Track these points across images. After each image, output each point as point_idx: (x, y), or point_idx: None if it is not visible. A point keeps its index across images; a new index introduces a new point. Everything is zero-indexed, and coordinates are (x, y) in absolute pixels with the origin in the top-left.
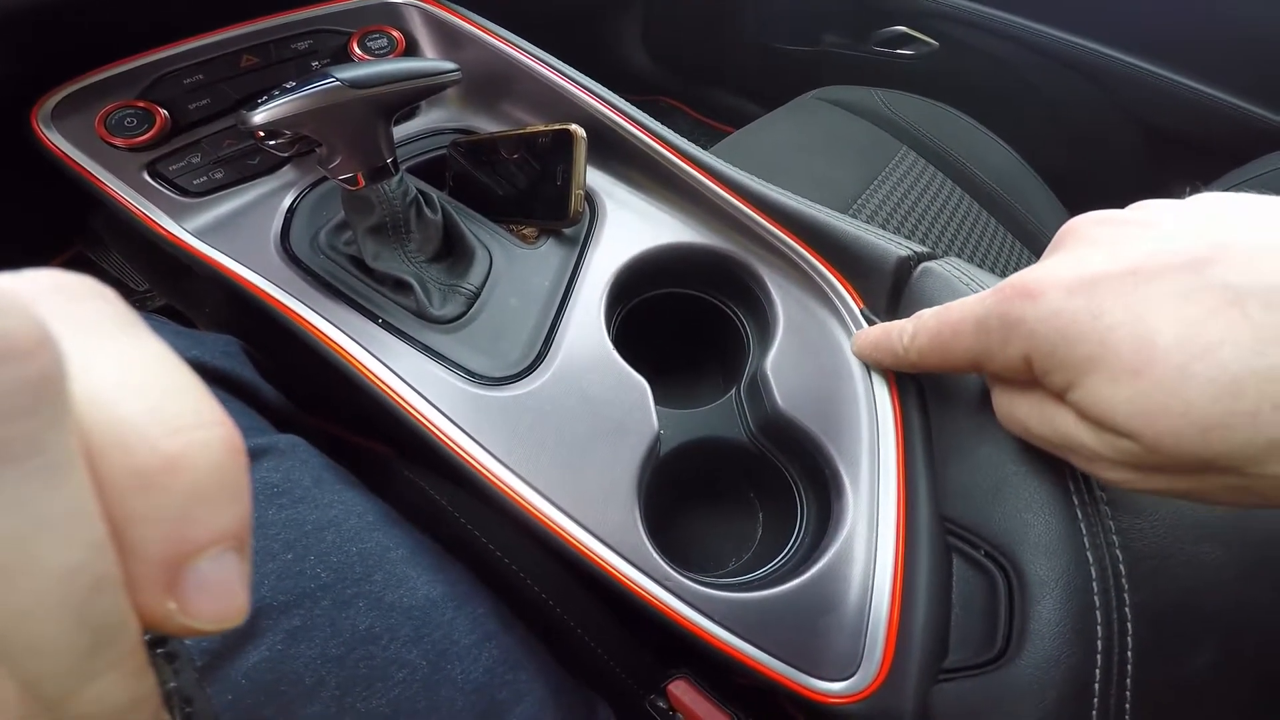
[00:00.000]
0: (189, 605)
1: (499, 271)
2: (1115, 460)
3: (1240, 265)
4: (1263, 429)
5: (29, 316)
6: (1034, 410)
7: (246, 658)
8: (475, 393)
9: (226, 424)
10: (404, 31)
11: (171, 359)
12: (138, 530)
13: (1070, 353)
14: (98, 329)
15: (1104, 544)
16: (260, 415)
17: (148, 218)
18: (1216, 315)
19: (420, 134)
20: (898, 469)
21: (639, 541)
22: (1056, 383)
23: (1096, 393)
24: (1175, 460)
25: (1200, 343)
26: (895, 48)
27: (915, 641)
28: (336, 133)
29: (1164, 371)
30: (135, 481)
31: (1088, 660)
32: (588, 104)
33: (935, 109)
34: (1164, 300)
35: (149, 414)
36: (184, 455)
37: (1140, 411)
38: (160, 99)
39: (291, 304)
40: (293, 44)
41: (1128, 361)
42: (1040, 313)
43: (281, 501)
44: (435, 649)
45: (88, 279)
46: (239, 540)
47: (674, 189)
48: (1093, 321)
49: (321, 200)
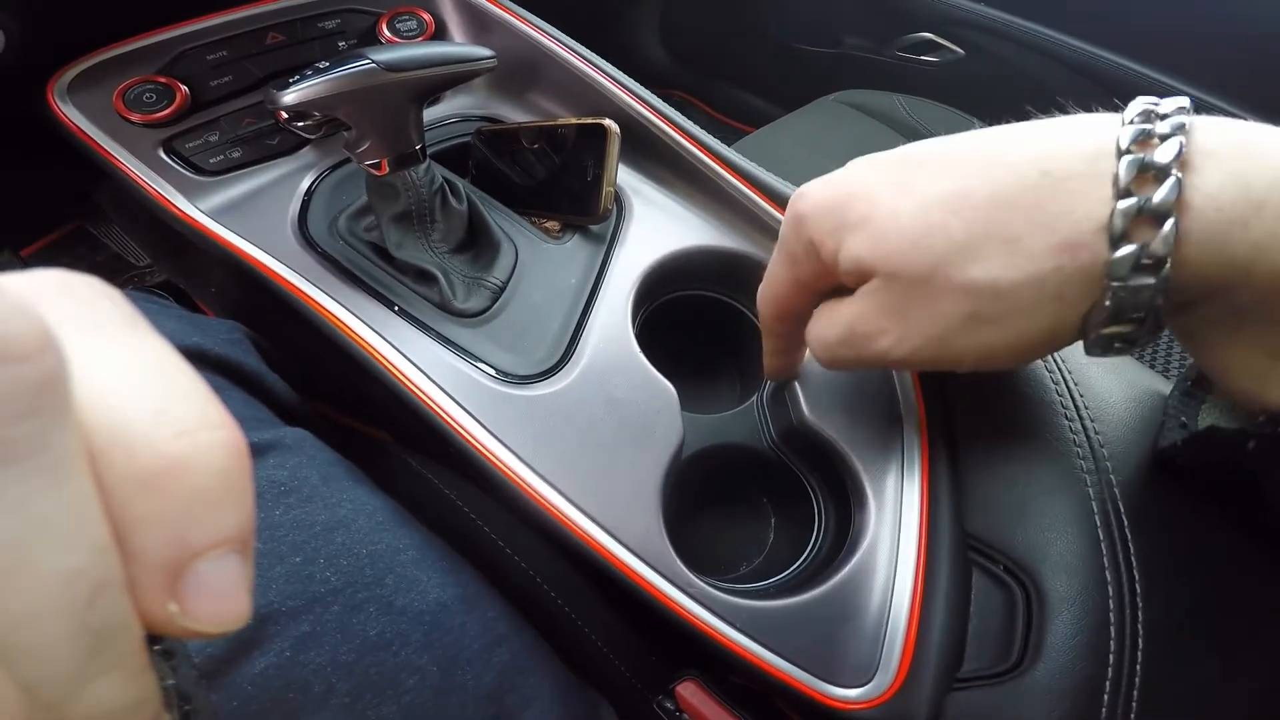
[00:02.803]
0: (190, 608)
1: (524, 266)
2: (880, 309)
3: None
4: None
5: (32, 317)
6: (828, 322)
7: (253, 664)
8: (500, 390)
9: (230, 426)
10: (433, 14)
11: (175, 360)
12: (140, 532)
13: (829, 222)
14: (101, 330)
15: (1123, 564)
16: (265, 406)
17: (160, 195)
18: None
19: (444, 120)
20: (922, 483)
21: (663, 547)
22: (829, 252)
23: (850, 246)
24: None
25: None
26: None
27: (932, 651)
28: (367, 116)
29: (884, 212)
30: (138, 483)
31: (1099, 673)
32: (619, 98)
33: (955, 117)
34: (883, 175)
35: (152, 416)
36: (187, 457)
37: (873, 243)
38: (182, 75)
39: (309, 290)
40: (320, 23)
41: (863, 214)
42: (809, 202)
43: (289, 501)
44: (446, 654)
45: (92, 279)
46: (241, 543)
47: (703, 188)
48: (839, 196)
49: (341, 184)
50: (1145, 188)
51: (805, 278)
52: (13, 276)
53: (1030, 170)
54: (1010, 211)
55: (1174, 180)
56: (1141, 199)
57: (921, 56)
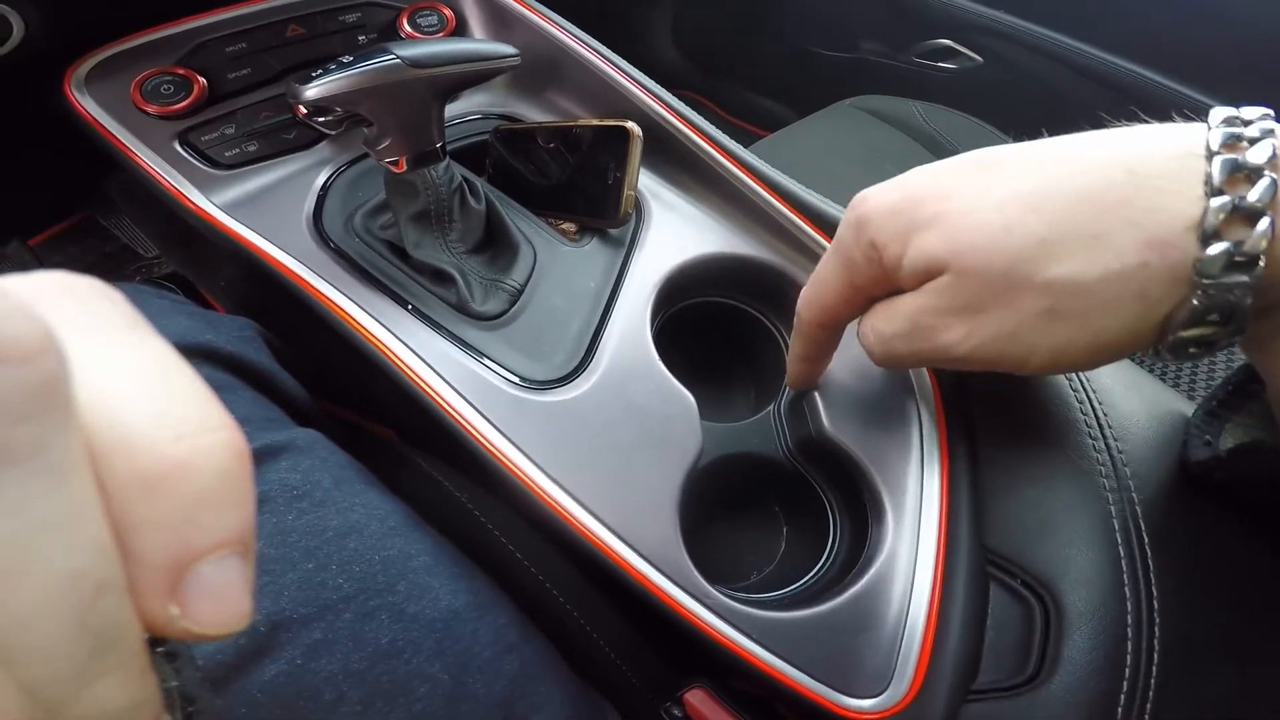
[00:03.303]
0: (191, 610)
1: (542, 269)
2: (949, 307)
3: (995, 152)
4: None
5: (33, 319)
6: (887, 316)
7: (264, 671)
8: (517, 395)
9: (231, 428)
10: (454, 9)
11: (177, 362)
12: (141, 534)
13: (896, 225)
14: (103, 331)
15: (1141, 580)
16: (276, 405)
17: (175, 189)
18: (990, 177)
19: (462, 117)
20: (941, 497)
21: (680, 557)
22: (893, 255)
23: (918, 245)
24: (985, 280)
25: (980, 191)
26: (936, 60)
27: (946, 663)
28: (390, 113)
29: (957, 208)
30: (139, 485)
31: (1114, 686)
32: (640, 99)
33: (972, 124)
34: (955, 177)
35: (154, 417)
36: (189, 459)
37: (945, 239)
38: (200, 66)
39: (324, 288)
40: (340, 16)
41: (933, 212)
42: (871, 205)
43: (302, 505)
44: (457, 662)
45: (94, 281)
46: (243, 545)
47: (722, 194)
48: (905, 198)
49: (357, 180)
50: (1238, 187)
51: (861, 282)
52: (14, 278)
53: (1115, 170)
54: (1095, 208)
55: (1270, 180)
56: (1235, 197)
57: (939, 63)
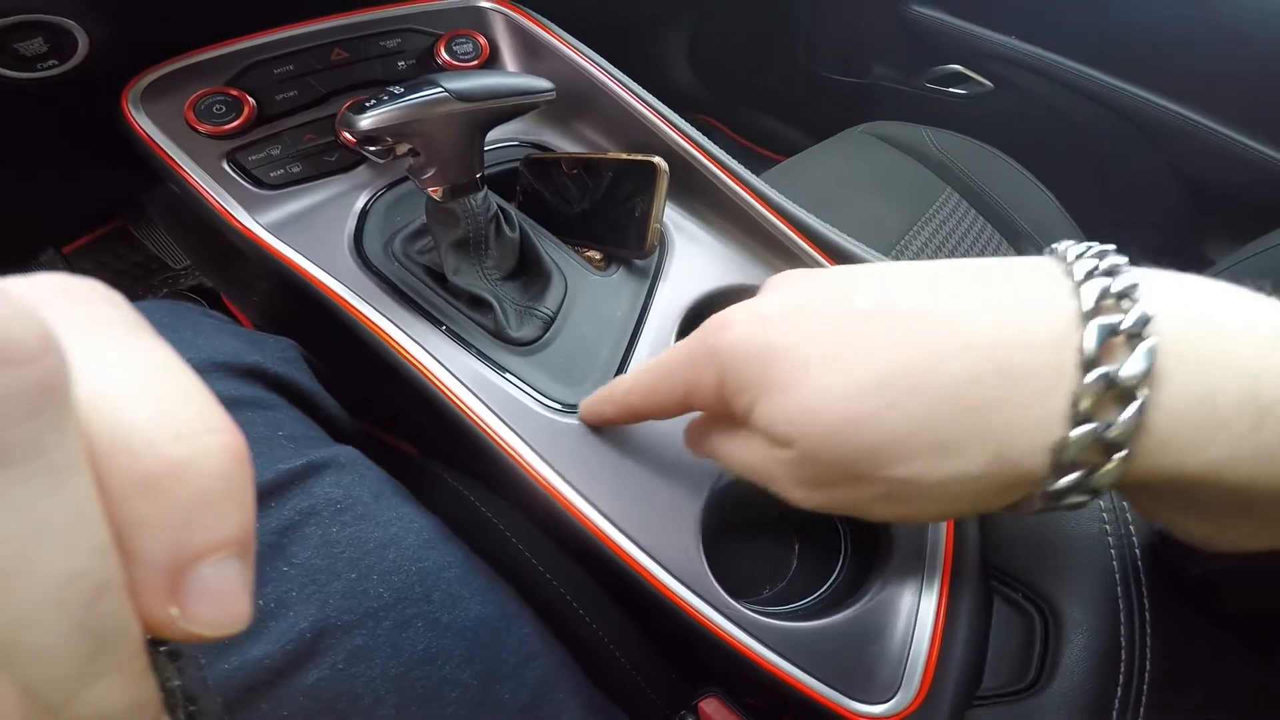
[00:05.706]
0: (191, 611)
1: (573, 296)
2: (790, 476)
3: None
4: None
5: (34, 320)
6: (735, 444)
7: (307, 675)
8: (552, 418)
9: (231, 430)
10: (488, 38)
11: (177, 364)
12: (141, 535)
13: (748, 374)
14: (103, 333)
15: (1134, 593)
16: (317, 424)
17: (223, 208)
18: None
19: (495, 144)
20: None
21: (702, 571)
22: (742, 405)
23: (767, 408)
24: (829, 466)
25: (837, 365)
26: (948, 85)
27: (953, 670)
28: (436, 143)
29: (814, 383)
30: (139, 486)
31: (1109, 691)
32: (665, 133)
33: (983, 151)
34: (824, 332)
35: (154, 419)
36: (189, 461)
37: (794, 418)
38: (249, 87)
39: (366, 310)
40: (381, 41)
41: (788, 377)
42: (729, 340)
43: (345, 519)
44: (485, 669)
45: (95, 283)
46: (242, 546)
47: (742, 226)
48: (766, 347)
49: (395, 204)
50: (1106, 411)
51: (700, 404)
52: (15, 280)
53: (985, 365)
54: (954, 408)
55: (1137, 406)
56: (1101, 424)
57: (950, 88)
